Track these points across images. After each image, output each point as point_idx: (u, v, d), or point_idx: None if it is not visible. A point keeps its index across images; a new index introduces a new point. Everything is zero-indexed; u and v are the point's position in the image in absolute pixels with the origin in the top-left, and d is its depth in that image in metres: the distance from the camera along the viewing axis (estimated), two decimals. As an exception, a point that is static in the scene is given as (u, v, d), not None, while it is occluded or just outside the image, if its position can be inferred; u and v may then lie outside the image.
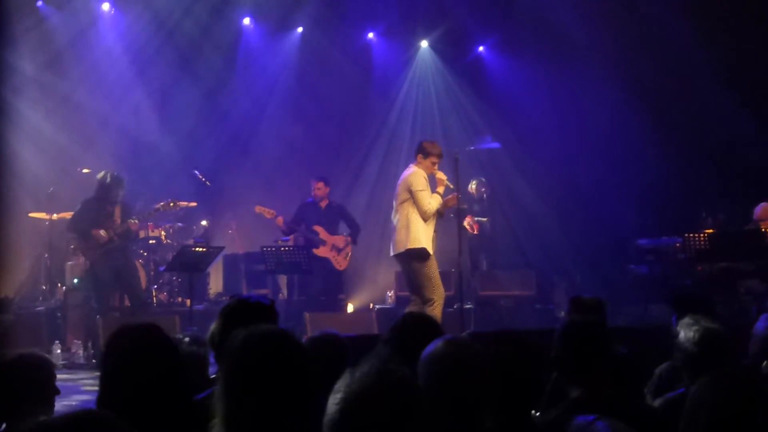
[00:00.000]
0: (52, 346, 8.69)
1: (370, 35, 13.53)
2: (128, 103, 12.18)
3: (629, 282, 10.94)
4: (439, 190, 7.88)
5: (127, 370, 2.66)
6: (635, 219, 11.49)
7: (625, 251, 11.35)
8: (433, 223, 7.84)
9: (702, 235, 9.54)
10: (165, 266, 10.23)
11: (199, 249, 9.37)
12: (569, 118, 12.51)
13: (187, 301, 9.84)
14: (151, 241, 10.90)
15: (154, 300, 10.70)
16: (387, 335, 3.43)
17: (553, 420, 2.94)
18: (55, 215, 10.42)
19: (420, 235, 7.69)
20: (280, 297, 10.84)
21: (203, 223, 11.70)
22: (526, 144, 12.59)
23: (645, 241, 10.87)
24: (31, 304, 10.40)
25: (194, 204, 11.23)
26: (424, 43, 13.61)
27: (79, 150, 11.50)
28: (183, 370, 2.78)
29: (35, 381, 3.49)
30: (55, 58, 11.69)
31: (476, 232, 11.15)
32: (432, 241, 7.80)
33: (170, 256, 10.07)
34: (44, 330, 9.26)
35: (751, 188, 10.70)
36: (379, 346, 3.33)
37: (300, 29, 13.12)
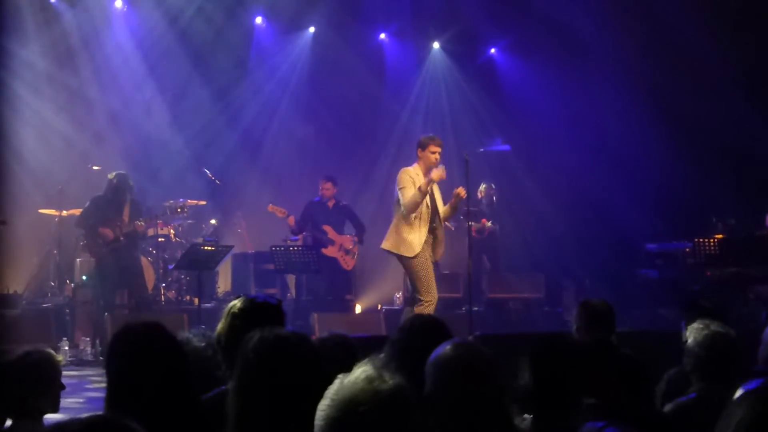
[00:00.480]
0: (60, 342, 8.68)
1: (382, 36, 13.51)
2: (140, 101, 12.18)
3: (638, 286, 10.85)
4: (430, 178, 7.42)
5: (131, 369, 2.66)
6: (645, 223, 11.41)
7: (635, 255, 11.29)
8: (426, 221, 7.50)
9: (712, 240, 9.50)
10: (174, 264, 10.23)
11: (209, 247, 9.38)
12: (580, 121, 12.46)
13: (196, 300, 9.85)
14: (160, 239, 10.88)
15: (162, 298, 10.70)
16: (394, 336, 3.40)
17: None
18: (64, 212, 10.44)
19: (404, 234, 7.45)
20: (288, 296, 10.84)
21: (212, 221, 11.69)
22: (536, 147, 12.57)
23: (655, 245, 10.84)
24: (40, 300, 10.41)
25: (204, 202, 11.26)
26: (436, 44, 13.59)
27: (89, 146, 11.53)
28: (189, 369, 2.76)
29: (40, 377, 3.50)
30: (68, 55, 11.71)
31: (484, 235, 11.16)
32: (425, 241, 7.47)
33: (179, 254, 10.08)
34: (52, 326, 9.25)
35: (763, 194, 10.63)
36: (385, 348, 3.27)
37: (312, 29, 13.11)
